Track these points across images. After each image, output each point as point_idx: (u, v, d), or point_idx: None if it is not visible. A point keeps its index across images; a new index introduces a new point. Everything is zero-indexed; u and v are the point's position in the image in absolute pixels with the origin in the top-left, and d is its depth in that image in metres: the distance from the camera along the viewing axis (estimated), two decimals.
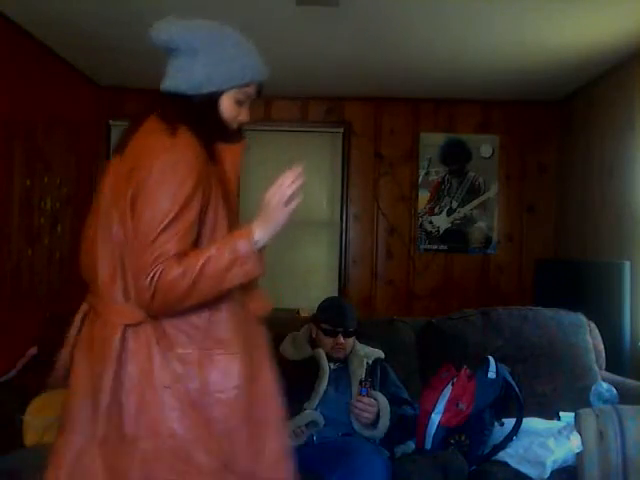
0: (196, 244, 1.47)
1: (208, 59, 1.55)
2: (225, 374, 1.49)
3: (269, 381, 1.58)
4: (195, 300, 1.45)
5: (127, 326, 1.47)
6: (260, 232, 1.48)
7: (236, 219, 1.59)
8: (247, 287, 1.55)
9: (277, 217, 1.49)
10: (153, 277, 1.39)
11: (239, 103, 1.60)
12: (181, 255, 1.41)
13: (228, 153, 1.58)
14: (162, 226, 1.40)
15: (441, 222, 4.94)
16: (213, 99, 1.56)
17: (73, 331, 1.62)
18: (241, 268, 1.45)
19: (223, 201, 1.53)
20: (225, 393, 1.48)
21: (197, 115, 1.54)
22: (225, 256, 1.43)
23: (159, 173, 1.43)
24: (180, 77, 1.55)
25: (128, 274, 1.48)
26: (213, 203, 1.50)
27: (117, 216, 1.49)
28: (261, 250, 1.49)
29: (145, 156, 1.46)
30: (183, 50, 1.56)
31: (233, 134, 1.63)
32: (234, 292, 1.52)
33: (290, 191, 1.49)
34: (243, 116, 1.63)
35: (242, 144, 1.63)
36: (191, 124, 1.51)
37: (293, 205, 1.50)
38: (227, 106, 1.58)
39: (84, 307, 1.63)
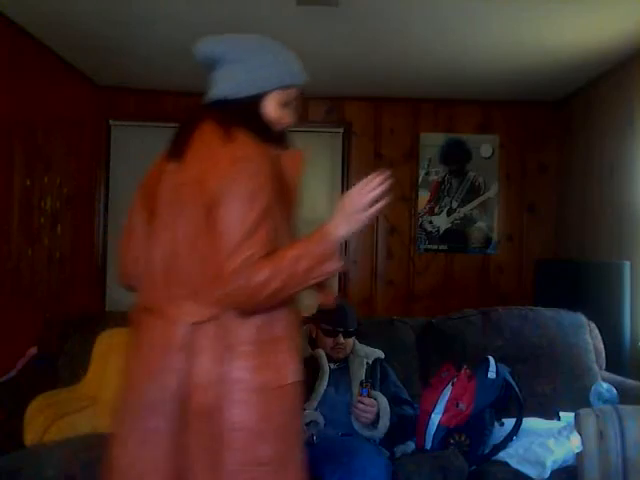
0: None
1: (249, 64, 1.62)
2: (282, 371, 1.55)
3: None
4: (280, 299, 1.51)
5: (193, 324, 1.52)
6: (340, 231, 1.54)
7: (294, 227, 1.63)
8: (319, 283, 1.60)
9: (357, 219, 1.55)
10: (242, 281, 1.45)
11: (283, 105, 1.66)
12: (267, 258, 1.46)
13: (288, 161, 1.62)
14: (247, 232, 1.45)
15: (441, 222, 4.94)
16: (256, 100, 1.63)
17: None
18: (325, 266, 1.52)
19: (284, 207, 1.57)
20: (283, 389, 1.55)
21: (244, 116, 1.59)
22: (310, 256, 1.50)
23: (238, 178, 1.48)
24: (224, 84, 1.63)
25: (194, 277, 1.54)
26: (277, 209, 1.54)
27: (183, 222, 1.55)
28: (340, 246, 1.56)
29: (217, 166, 1.50)
30: (226, 60, 1.63)
31: (281, 138, 1.68)
32: None
33: (372, 195, 1.53)
34: (287, 119, 1.69)
35: (299, 153, 1.67)
36: (247, 127, 1.56)
37: (375, 209, 1.55)
38: (271, 108, 1.64)
39: (132, 312, 1.67)
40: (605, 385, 2.88)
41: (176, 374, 1.51)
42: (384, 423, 2.50)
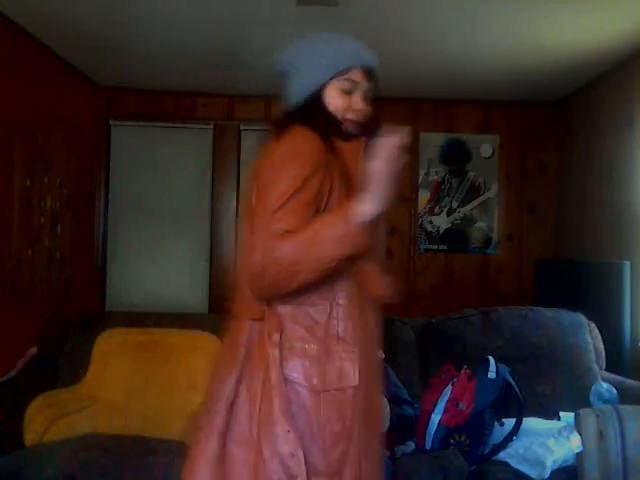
0: None
1: (305, 65, 1.60)
2: (344, 373, 1.47)
3: (376, 377, 1.57)
4: (303, 278, 1.41)
5: (252, 320, 1.49)
6: (366, 204, 1.41)
7: None
8: (368, 274, 1.56)
9: (383, 182, 1.41)
10: (264, 254, 1.39)
11: (346, 92, 1.61)
12: (293, 232, 1.40)
13: (347, 151, 1.57)
14: (277, 205, 1.41)
15: (441, 222, 4.94)
16: (315, 95, 1.59)
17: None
18: (344, 243, 1.41)
19: (345, 196, 1.51)
20: (344, 393, 1.46)
21: (307, 114, 1.56)
22: (327, 231, 1.41)
23: (278, 160, 1.47)
24: (293, 93, 1.62)
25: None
26: (335, 194, 1.49)
27: (244, 222, 1.54)
28: (369, 223, 1.42)
29: (266, 155, 1.52)
30: (288, 69, 1.63)
31: (349, 128, 1.62)
32: (353, 283, 1.53)
33: (394, 151, 1.42)
34: (355, 105, 1.62)
35: (360, 142, 1.59)
36: (305, 123, 1.53)
37: (400, 164, 1.42)
38: (332, 98, 1.60)
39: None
40: (605, 385, 2.88)
41: (235, 373, 1.47)
42: (384, 423, 2.49)
